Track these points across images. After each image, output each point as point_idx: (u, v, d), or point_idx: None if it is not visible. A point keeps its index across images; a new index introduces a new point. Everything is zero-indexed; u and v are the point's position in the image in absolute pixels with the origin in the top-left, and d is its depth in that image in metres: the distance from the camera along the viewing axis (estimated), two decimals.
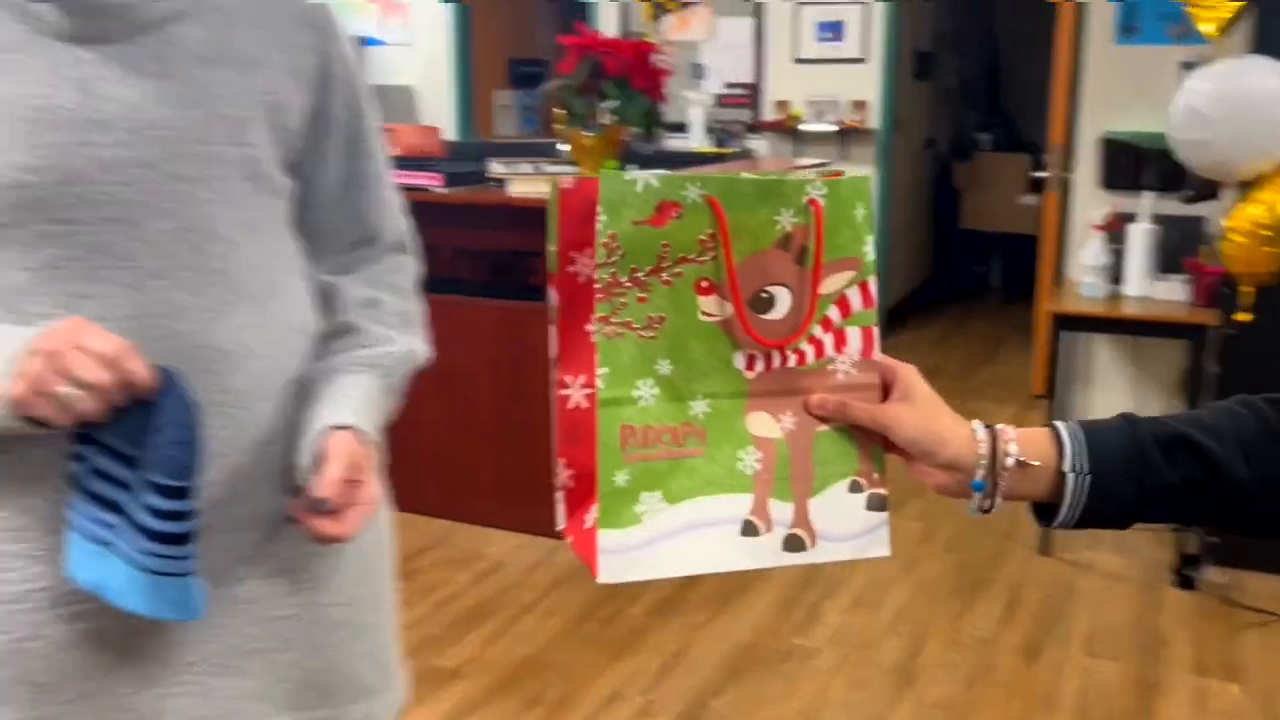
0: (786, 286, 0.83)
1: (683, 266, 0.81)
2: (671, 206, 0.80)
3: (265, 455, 1.09)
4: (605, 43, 3.35)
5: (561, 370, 0.83)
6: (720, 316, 0.82)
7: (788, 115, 6.30)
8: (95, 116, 0.98)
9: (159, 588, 0.95)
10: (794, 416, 0.84)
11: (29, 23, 0.98)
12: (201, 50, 1.04)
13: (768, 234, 0.82)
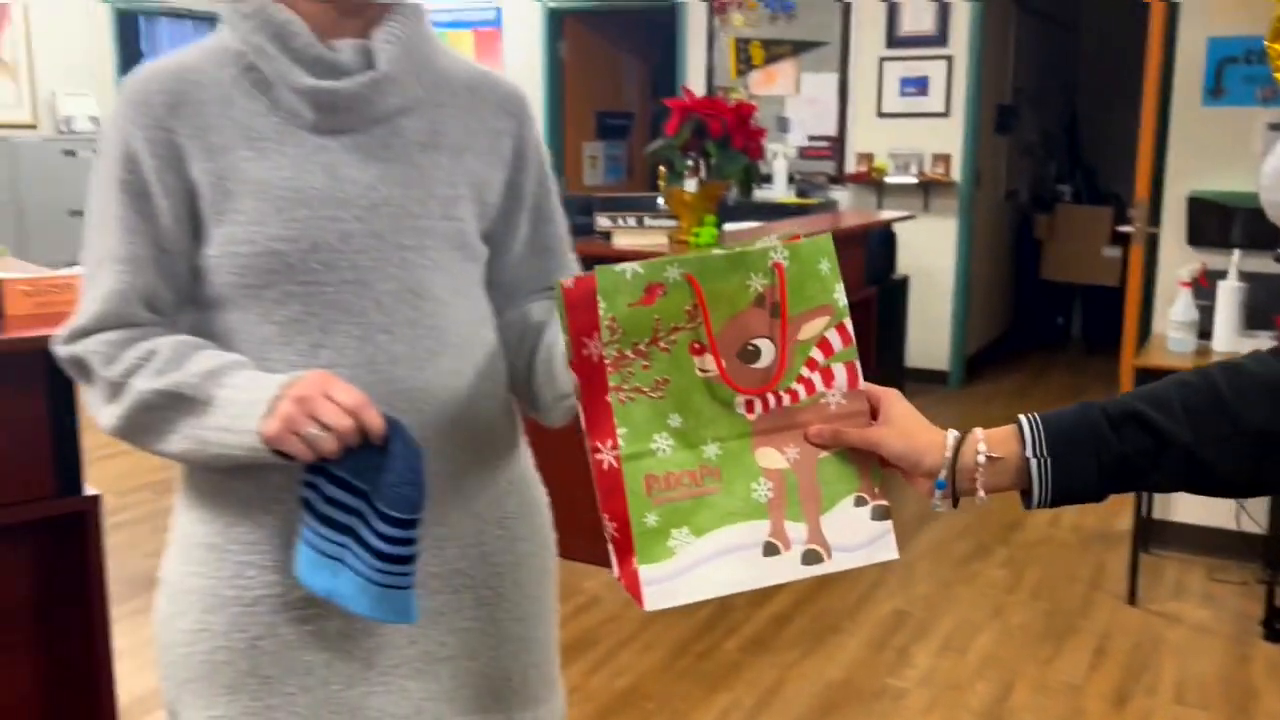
0: (768, 338, 0.98)
1: (676, 334, 0.96)
2: (657, 287, 0.95)
3: (459, 485, 1.25)
4: (708, 104, 3.53)
5: (591, 438, 0.97)
6: (715, 371, 0.97)
7: (871, 167, 6.44)
8: (338, 195, 1.17)
9: (385, 597, 1.12)
10: (796, 448, 0.99)
11: (285, 117, 1.17)
12: (420, 139, 1.22)
13: (743, 297, 0.97)
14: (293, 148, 1.16)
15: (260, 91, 1.16)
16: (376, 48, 1.18)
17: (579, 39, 7.55)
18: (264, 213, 1.14)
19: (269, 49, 1.15)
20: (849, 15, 6.43)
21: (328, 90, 1.15)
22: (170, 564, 1.25)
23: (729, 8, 6.75)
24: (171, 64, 1.17)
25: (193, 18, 8.06)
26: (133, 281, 1.15)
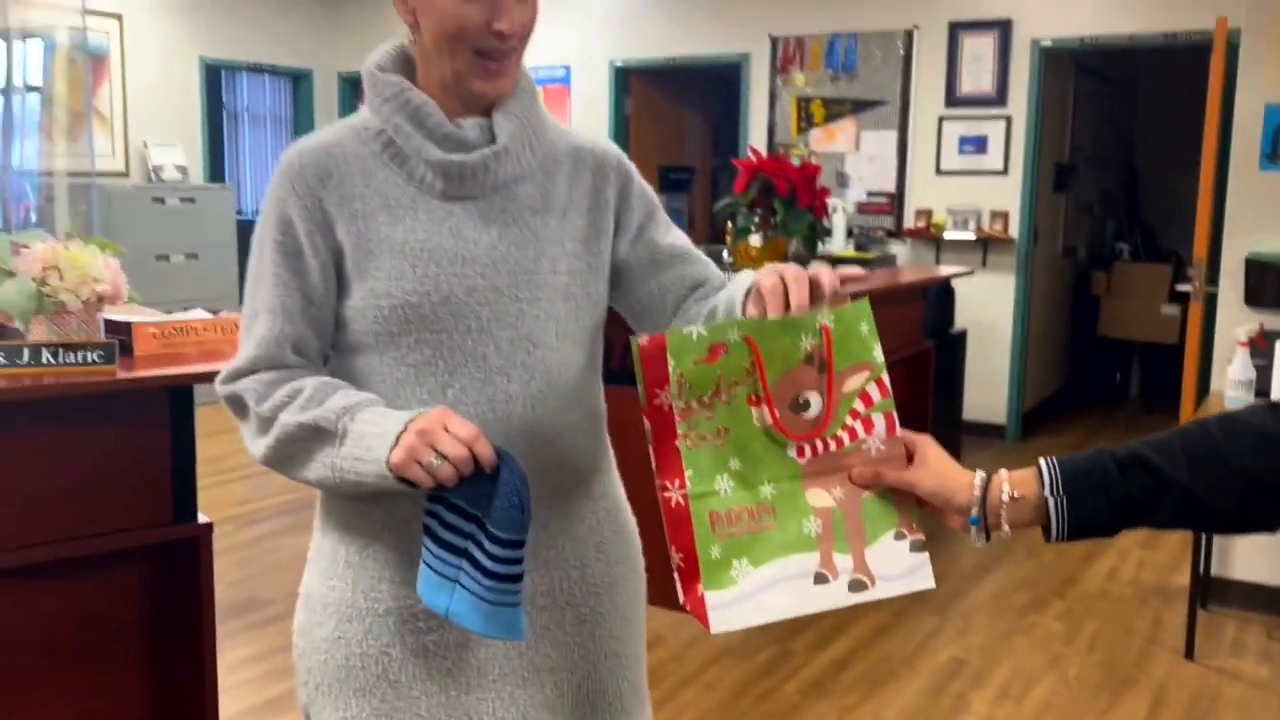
0: (817, 391, 1.12)
1: (735, 388, 1.10)
2: (719, 347, 1.10)
3: (563, 513, 1.39)
4: (775, 164, 3.69)
5: (660, 478, 1.12)
6: (770, 421, 1.11)
7: (930, 223, 6.55)
8: (463, 254, 1.32)
9: (496, 615, 1.25)
10: (842, 488, 1.13)
11: (418, 186, 1.33)
12: (532, 203, 1.37)
13: (795, 355, 1.11)
14: (424, 213, 1.32)
15: (397, 164, 1.33)
16: (497, 125, 1.34)
17: (644, 96, 7.78)
18: (400, 270, 1.30)
19: (406, 127, 1.31)
20: (909, 75, 6.58)
21: (456, 163, 1.31)
22: (311, 579, 1.40)
23: (791, 67, 6.94)
24: (321, 140, 1.35)
25: (273, 73, 8.43)
26: (284, 329, 1.31)
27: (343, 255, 1.31)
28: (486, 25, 1.26)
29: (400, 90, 1.32)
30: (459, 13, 1.26)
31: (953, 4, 6.44)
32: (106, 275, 2.14)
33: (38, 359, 2.11)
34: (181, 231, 6.89)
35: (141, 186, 7.07)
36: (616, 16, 7.47)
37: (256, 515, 4.89)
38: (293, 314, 1.31)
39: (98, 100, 6.52)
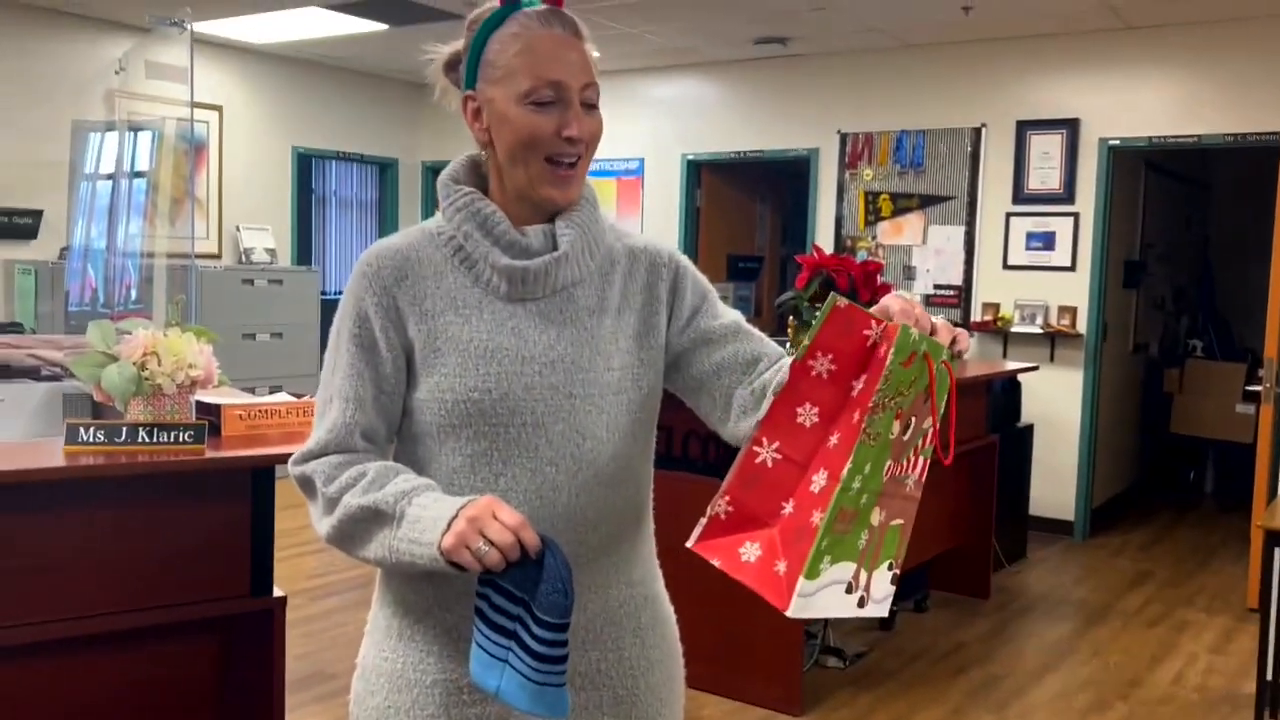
0: (918, 416, 1.17)
1: (898, 399, 1.14)
2: (914, 355, 1.13)
3: (605, 597, 1.47)
4: (836, 261, 3.78)
5: (761, 431, 1.15)
6: (896, 436, 1.15)
7: (997, 317, 6.58)
8: (523, 353, 1.42)
9: (542, 694, 1.32)
10: (885, 512, 1.18)
11: (484, 288, 1.44)
12: (590, 305, 1.46)
13: (923, 379, 1.15)
14: (489, 314, 1.42)
15: (466, 268, 1.44)
16: (559, 234, 1.44)
17: (714, 187, 7.97)
18: (465, 367, 1.41)
19: (476, 234, 1.43)
20: (977, 171, 6.67)
21: (520, 268, 1.42)
22: (366, 650, 1.50)
23: (859, 162, 7.07)
24: (398, 243, 1.46)
25: (360, 161, 8.80)
26: (355, 416, 1.42)
27: (413, 351, 1.42)
28: (557, 133, 1.36)
29: (471, 200, 1.43)
30: (532, 122, 1.36)
31: (1020, 103, 6.54)
32: (200, 361, 2.30)
33: (134, 438, 2.27)
34: (268, 311, 7.19)
35: (233, 268, 7.41)
36: (689, 112, 7.70)
37: (327, 589, 5.02)
38: (364, 402, 1.42)
39: (195, 186, 6.88)
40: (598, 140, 1.43)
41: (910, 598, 4.99)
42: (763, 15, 6.25)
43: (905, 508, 1.19)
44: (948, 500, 4.95)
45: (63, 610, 2.20)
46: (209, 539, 2.36)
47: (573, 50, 1.39)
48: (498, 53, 1.39)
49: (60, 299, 6.47)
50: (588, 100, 1.40)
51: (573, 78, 1.38)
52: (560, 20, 1.40)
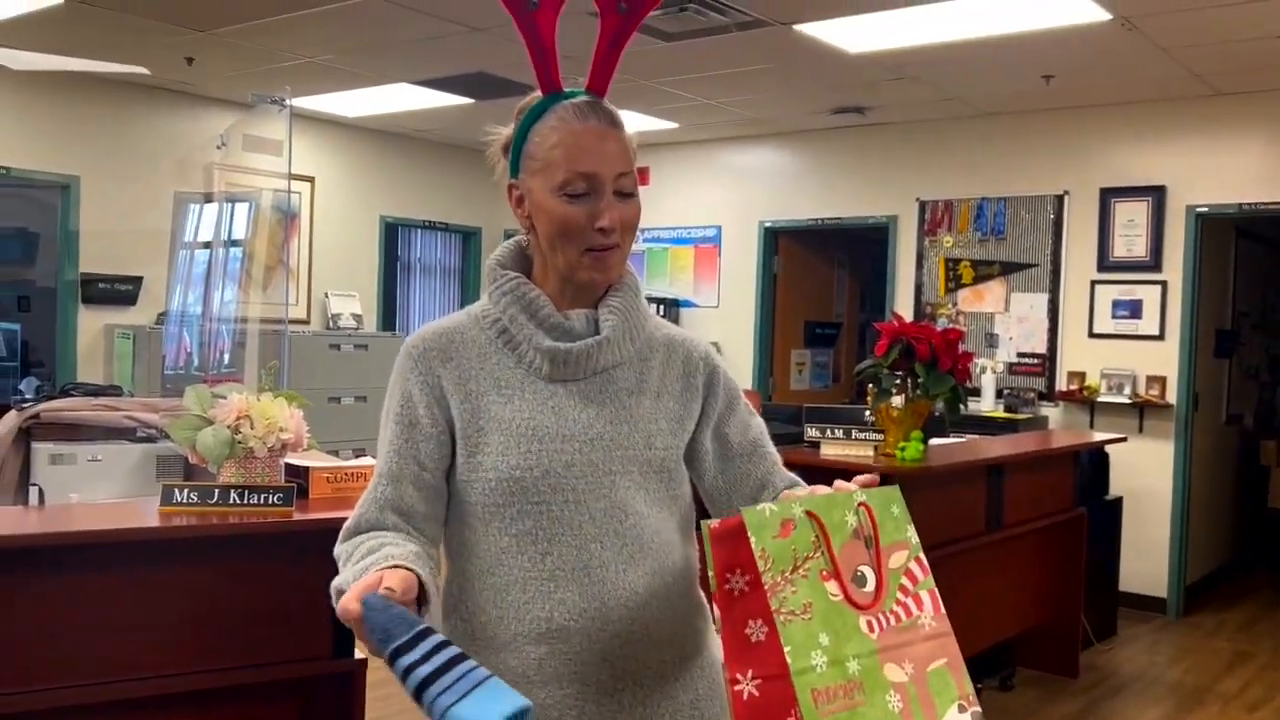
0: (869, 565, 1.15)
1: (809, 563, 1.13)
2: (790, 522, 1.13)
3: (658, 671, 1.46)
4: (916, 329, 3.76)
5: (731, 669, 1.12)
6: (841, 595, 1.13)
7: (1082, 386, 6.45)
8: (564, 432, 1.45)
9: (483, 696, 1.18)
10: (911, 663, 1.14)
11: (526, 369, 1.48)
12: (629, 386, 1.50)
13: (845, 530, 1.14)
14: (531, 394, 1.46)
15: (510, 349, 1.48)
16: (602, 318, 1.48)
17: (792, 254, 7.99)
18: (507, 445, 1.44)
19: (520, 317, 1.47)
20: (1060, 239, 6.60)
21: (563, 349, 1.46)
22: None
23: (939, 229, 7.04)
24: (444, 326, 1.51)
25: (445, 229, 9.03)
26: (388, 493, 1.45)
27: (455, 429, 1.46)
28: (591, 223, 1.41)
29: (517, 284, 1.48)
30: (566, 213, 1.42)
31: (1104, 170, 6.47)
32: (291, 425, 2.37)
33: (225, 499, 2.34)
34: (353, 375, 7.36)
35: (320, 333, 7.62)
36: (767, 180, 7.76)
37: None
38: (400, 480, 1.45)
39: (287, 254, 7.12)
40: (633, 226, 1.47)
41: (996, 675, 4.85)
42: (841, 85, 6.31)
43: (936, 648, 1.15)
44: (1034, 575, 4.83)
45: (153, 668, 2.26)
46: (294, 600, 2.41)
47: (608, 141, 1.43)
48: (537, 145, 1.45)
49: (156, 362, 6.71)
50: (622, 189, 1.43)
51: (606, 169, 1.42)
52: (596, 112, 1.44)
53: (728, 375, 1.61)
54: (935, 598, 1.17)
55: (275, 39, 5.71)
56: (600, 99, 1.47)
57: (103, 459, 3.92)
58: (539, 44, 1.45)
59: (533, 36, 1.44)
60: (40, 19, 5.38)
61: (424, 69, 6.25)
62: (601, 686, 1.43)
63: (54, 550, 2.21)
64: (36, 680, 2.15)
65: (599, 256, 1.44)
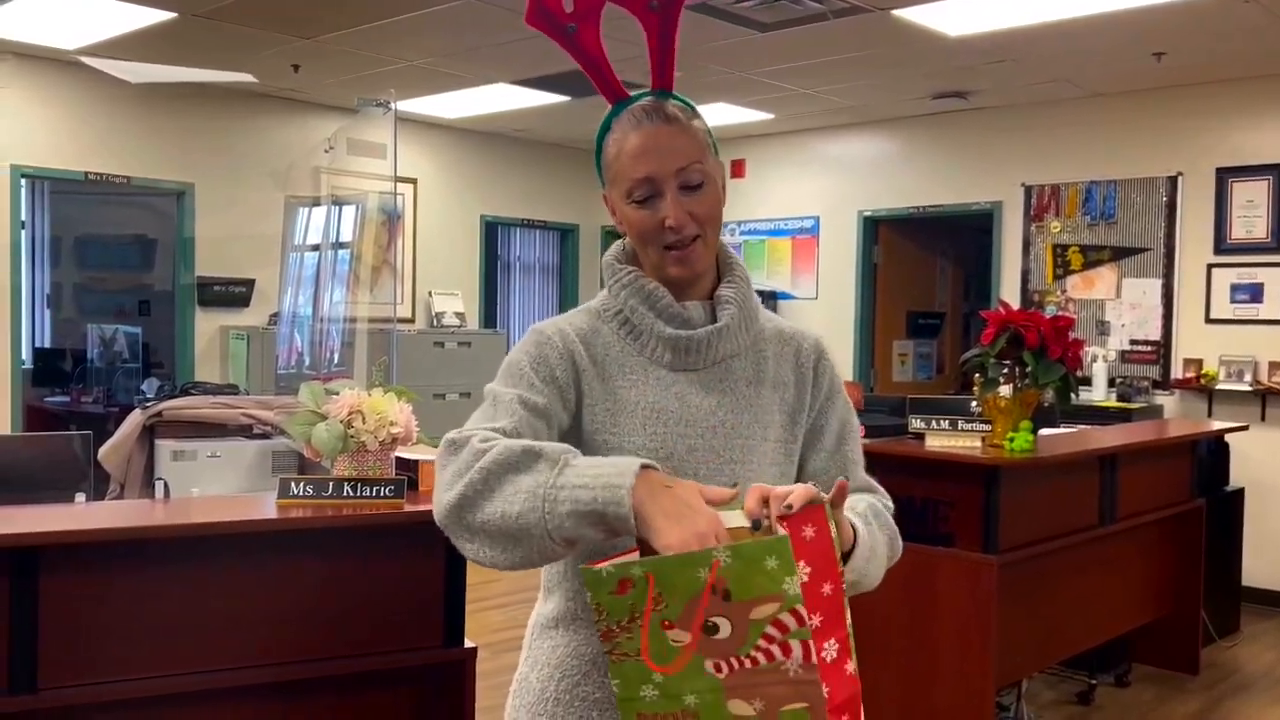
0: (724, 616, 1.15)
1: (650, 615, 1.15)
2: (628, 582, 1.15)
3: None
4: (1024, 316, 3.67)
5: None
6: (684, 642, 1.15)
7: (1200, 373, 6.22)
8: (687, 417, 1.46)
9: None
10: (762, 702, 1.15)
11: (649, 357, 1.49)
12: (747, 376, 1.51)
13: (695, 585, 1.14)
14: (654, 380, 1.47)
15: (632, 339, 1.50)
16: (720, 307, 1.50)
17: (892, 244, 7.87)
18: (631, 427, 1.45)
19: (641, 308, 1.49)
20: (1173, 222, 6.37)
21: (684, 337, 1.47)
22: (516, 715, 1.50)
23: (1046, 215, 6.86)
24: (568, 318, 1.52)
25: (544, 228, 9.12)
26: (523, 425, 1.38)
27: (582, 408, 1.45)
28: (661, 223, 1.43)
29: (635, 277, 1.50)
30: (638, 218, 1.45)
31: (1219, 150, 6.22)
32: (401, 419, 2.43)
33: (340, 492, 2.41)
34: (457, 372, 7.50)
35: (425, 331, 7.78)
36: (865, 169, 7.66)
37: (510, 644, 5.13)
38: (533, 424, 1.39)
39: (392, 255, 7.29)
40: (709, 216, 1.45)
41: (1111, 671, 4.72)
42: (941, 70, 6.19)
43: (795, 692, 1.15)
44: (1150, 569, 4.68)
45: (270, 656, 2.34)
46: (406, 590, 2.47)
47: (663, 139, 1.42)
48: (609, 156, 1.48)
49: (269, 362, 6.93)
50: (687, 183, 1.43)
51: (663, 167, 1.42)
52: (652, 114, 1.43)
53: (833, 369, 1.61)
54: (809, 648, 1.15)
55: (376, 44, 5.85)
56: (663, 96, 1.47)
57: (221, 455, 4.07)
58: (588, 60, 1.46)
59: (579, 55, 1.47)
60: (154, 33, 5.59)
61: (522, 68, 6.33)
62: None
63: (180, 542, 2.31)
64: (160, 667, 2.25)
65: (680, 254, 1.45)
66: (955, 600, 3.64)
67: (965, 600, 3.62)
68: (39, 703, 2.14)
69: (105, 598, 2.20)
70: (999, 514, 3.60)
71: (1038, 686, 4.60)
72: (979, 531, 3.63)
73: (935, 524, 3.86)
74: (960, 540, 3.67)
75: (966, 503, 3.66)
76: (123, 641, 2.21)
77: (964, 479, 3.66)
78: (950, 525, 3.73)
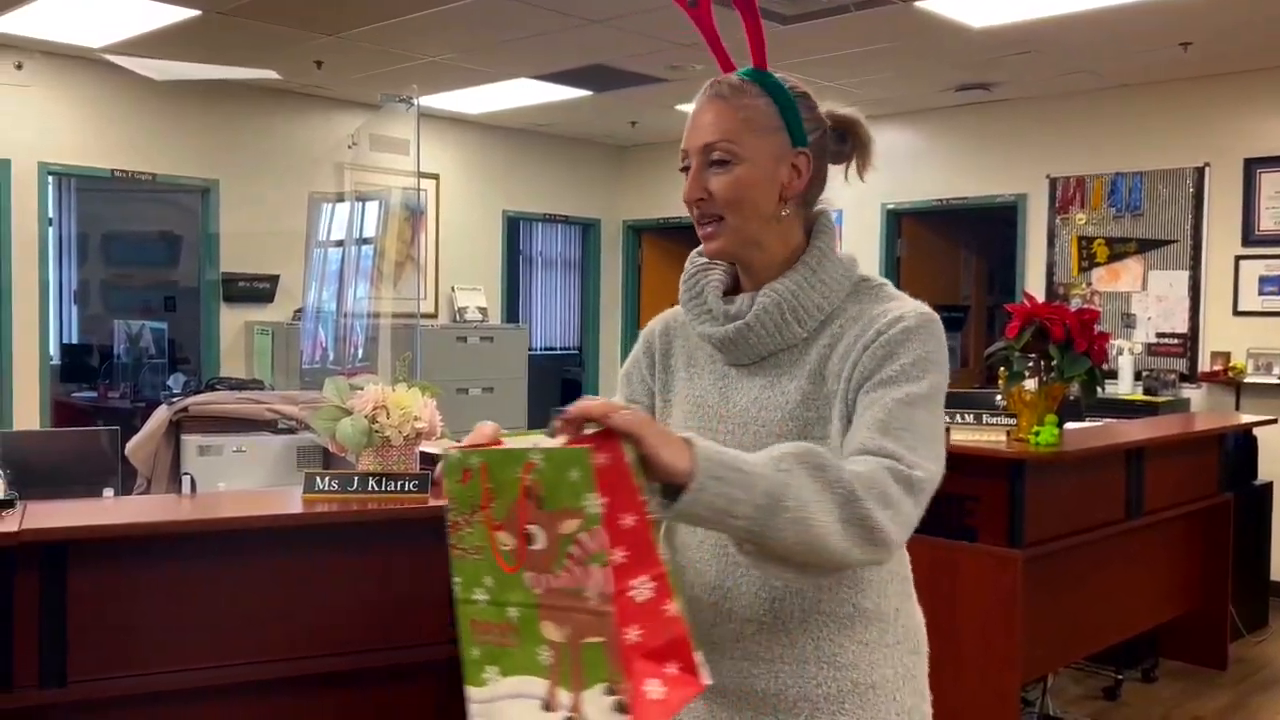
0: (539, 525, 1.10)
1: (482, 513, 1.12)
2: (468, 472, 1.13)
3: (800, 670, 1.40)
4: (1049, 309, 3.65)
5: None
6: (510, 546, 1.11)
7: (1227, 366, 6.16)
8: (722, 412, 1.46)
9: None
10: (570, 628, 1.09)
11: (707, 351, 1.51)
12: (797, 370, 1.43)
13: (515, 487, 1.10)
14: (710, 373, 1.49)
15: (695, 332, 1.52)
16: (756, 301, 1.43)
17: (916, 237, 7.84)
18: (678, 419, 1.50)
19: (691, 303, 1.50)
20: (1201, 214, 6.31)
21: (710, 334, 1.47)
22: None
23: (1071, 207, 6.81)
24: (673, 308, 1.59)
25: (565, 222, 9.13)
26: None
27: (655, 394, 1.57)
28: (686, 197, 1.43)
29: (693, 269, 1.52)
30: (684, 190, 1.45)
31: (1248, 141, 6.15)
32: (425, 414, 2.44)
33: (365, 486, 2.42)
34: (480, 366, 7.53)
35: (448, 326, 7.80)
36: (888, 161, 7.61)
37: None
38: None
39: (414, 249, 7.31)
40: (728, 198, 1.39)
41: (1138, 665, 4.69)
42: (965, 62, 6.14)
43: (595, 624, 1.08)
44: (1177, 563, 4.64)
45: (296, 649, 2.36)
46: (428, 584, 2.48)
47: (706, 113, 1.41)
48: None
49: (294, 357, 6.97)
50: (715, 159, 1.39)
51: (694, 142, 1.41)
52: (709, 87, 1.44)
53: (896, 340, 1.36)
54: (607, 575, 1.07)
55: (399, 40, 5.86)
56: (747, 74, 1.44)
57: (247, 450, 4.10)
58: (707, 35, 1.48)
59: (702, 29, 1.48)
60: (179, 31, 5.63)
61: (544, 63, 6.33)
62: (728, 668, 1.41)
63: (207, 536, 2.33)
64: (187, 660, 2.27)
65: (701, 232, 1.44)
66: (980, 595, 3.62)
67: (990, 595, 3.60)
68: (68, 696, 2.16)
69: (133, 592, 2.22)
70: (1024, 508, 3.58)
71: (1063, 682, 4.57)
72: (1004, 526, 3.61)
73: (959, 518, 3.84)
74: (985, 535, 3.65)
75: (991, 497, 3.64)
76: (150, 635, 2.23)
77: (989, 473, 3.64)
78: (975, 520, 3.71)
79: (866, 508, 1.19)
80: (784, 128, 1.40)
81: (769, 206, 1.41)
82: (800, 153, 1.42)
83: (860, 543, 1.20)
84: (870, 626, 1.41)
